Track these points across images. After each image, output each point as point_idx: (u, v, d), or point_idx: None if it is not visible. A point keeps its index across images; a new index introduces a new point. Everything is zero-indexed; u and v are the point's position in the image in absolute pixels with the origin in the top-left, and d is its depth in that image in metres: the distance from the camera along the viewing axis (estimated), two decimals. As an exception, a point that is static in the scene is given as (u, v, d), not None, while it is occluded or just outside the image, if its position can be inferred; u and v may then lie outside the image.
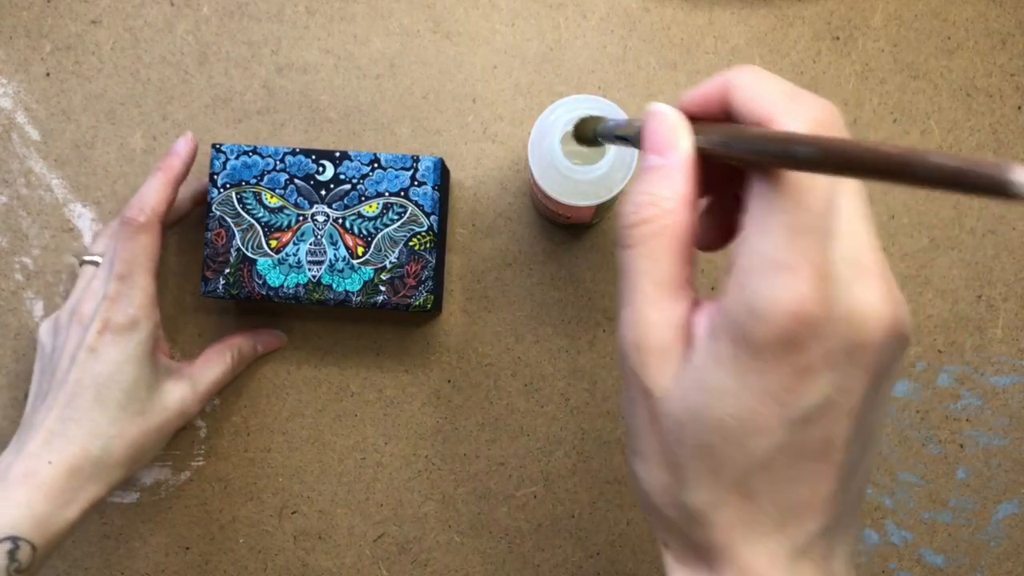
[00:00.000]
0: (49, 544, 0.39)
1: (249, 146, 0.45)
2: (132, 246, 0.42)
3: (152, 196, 0.43)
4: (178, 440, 0.49)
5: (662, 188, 0.26)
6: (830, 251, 0.23)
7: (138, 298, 0.42)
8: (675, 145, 0.26)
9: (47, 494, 0.39)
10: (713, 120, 0.27)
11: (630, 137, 0.31)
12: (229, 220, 0.45)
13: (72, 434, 0.41)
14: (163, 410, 0.44)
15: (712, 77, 0.26)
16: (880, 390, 0.25)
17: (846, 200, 0.24)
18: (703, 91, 0.26)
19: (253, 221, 0.45)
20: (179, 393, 0.45)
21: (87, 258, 0.46)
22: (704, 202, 0.30)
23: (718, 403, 0.24)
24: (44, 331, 0.45)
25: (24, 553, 0.38)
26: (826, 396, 0.24)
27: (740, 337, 0.23)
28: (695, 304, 0.26)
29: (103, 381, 0.41)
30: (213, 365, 0.47)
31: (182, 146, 0.45)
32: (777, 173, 0.23)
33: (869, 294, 0.24)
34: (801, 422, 0.24)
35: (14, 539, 0.38)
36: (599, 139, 0.37)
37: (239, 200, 0.45)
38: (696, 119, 0.27)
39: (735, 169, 0.27)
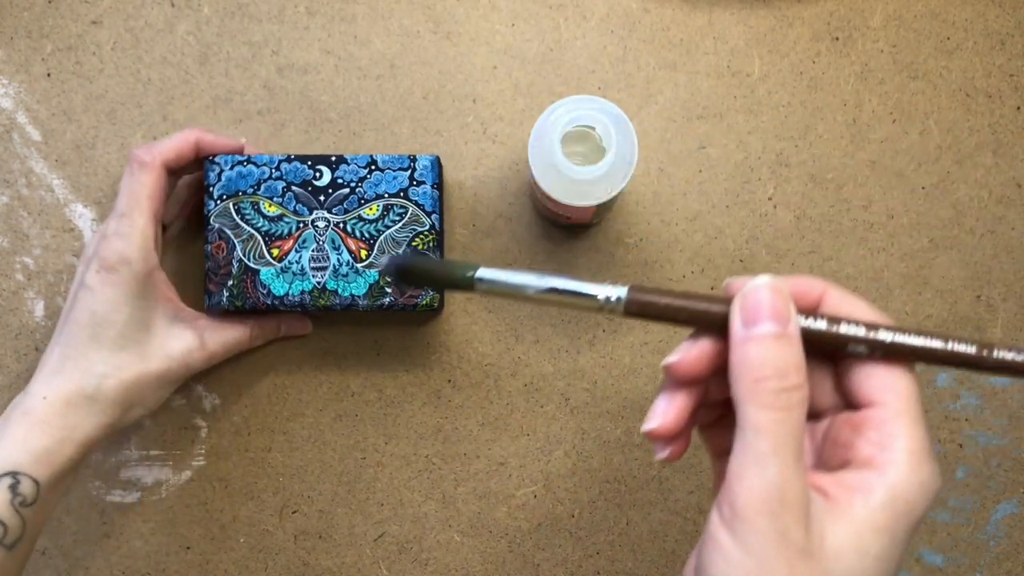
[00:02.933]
0: (53, 478, 0.40)
1: (243, 156, 0.45)
2: (133, 183, 0.43)
3: (166, 143, 0.43)
4: (178, 440, 0.50)
5: (795, 358, 0.27)
6: None
7: (133, 237, 0.42)
8: (789, 318, 0.28)
9: (43, 430, 0.40)
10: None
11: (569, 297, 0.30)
12: (228, 231, 0.45)
13: (69, 371, 0.41)
14: (165, 357, 0.43)
15: (798, 275, 0.30)
16: None
17: None
18: (795, 282, 0.29)
19: (253, 231, 0.45)
20: (185, 343, 0.44)
21: None
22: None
23: (871, 565, 0.27)
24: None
25: (26, 487, 0.39)
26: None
27: (906, 510, 0.27)
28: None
29: (98, 320, 0.41)
30: (229, 327, 0.46)
31: (230, 141, 0.45)
32: (913, 372, 0.28)
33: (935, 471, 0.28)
34: None
35: (14, 474, 0.39)
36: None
37: (237, 211, 0.45)
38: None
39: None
